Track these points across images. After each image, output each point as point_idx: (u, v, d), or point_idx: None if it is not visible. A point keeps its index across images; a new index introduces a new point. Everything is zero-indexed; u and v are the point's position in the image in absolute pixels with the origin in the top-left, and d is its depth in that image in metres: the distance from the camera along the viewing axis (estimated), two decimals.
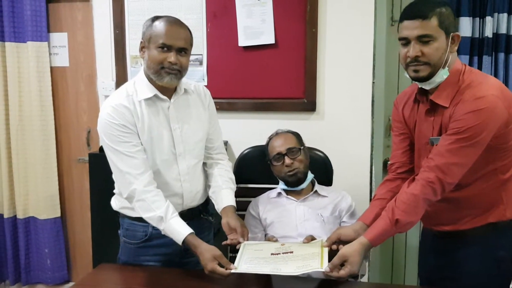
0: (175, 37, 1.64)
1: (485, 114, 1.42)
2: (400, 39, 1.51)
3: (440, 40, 1.46)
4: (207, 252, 1.58)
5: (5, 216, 2.99)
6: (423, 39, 1.46)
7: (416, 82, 1.58)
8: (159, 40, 1.62)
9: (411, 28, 1.47)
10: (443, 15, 1.46)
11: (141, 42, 1.69)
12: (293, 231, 1.88)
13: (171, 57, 1.63)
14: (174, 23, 1.67)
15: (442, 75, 1.50)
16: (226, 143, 2.50)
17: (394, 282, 2.79)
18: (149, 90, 1.70)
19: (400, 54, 1.54)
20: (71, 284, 3.05)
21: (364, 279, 1.98)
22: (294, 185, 1.98)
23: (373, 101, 2.46)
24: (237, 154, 2.35)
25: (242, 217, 1.93)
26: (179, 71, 1.66)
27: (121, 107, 1.66)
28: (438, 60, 1.48)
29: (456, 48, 1.52)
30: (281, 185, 2.03)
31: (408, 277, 2.76)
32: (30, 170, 2.93)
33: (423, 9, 1.46)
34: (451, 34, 1.48)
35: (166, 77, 1.65)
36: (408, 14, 1.49)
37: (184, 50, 1.67)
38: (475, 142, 1.44)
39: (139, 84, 1.72)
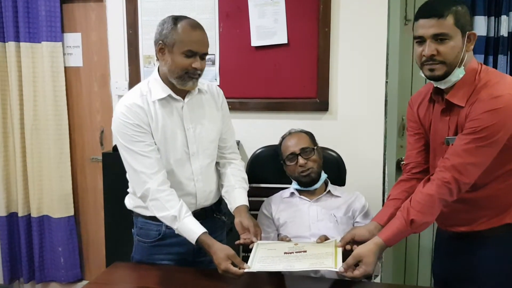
0: (200, 44, 1.64)
1: (502, 114, 1.40)
2: (415, 37, 1.50)
3: (456, 39, 1.45)
4: (220, 252, 1.58)
5: (20, 214, 3.03)
6: (439, 38, 1.44)
7: (432, 81, 1.56)
8: (185, 47, 1.61)
9: (426, 26, 1.45)
10: (459, 13, 1.44)
11: (159, 43, 1.65)
12: (306, 231, 1.88)
13: (197, 63, 1.63)
14: (197, 27, 1.66)
15: (458, 74, 1.48)
16: (238, 142, 2.50)
17: (407, 282, 2.77)
18: (163, 90, 1.70)
19: (415, 52, 1.52)
20: (84, 282, 3.07)
21: (377, 279, 1.97)
22: (307, 185, 1.97)
23: (386, 100, 2.44)
24: (249, 154, 2.35)
25: (255, 216, 1.93)
26: (199, 75, 1.68)
27: (135, 107, 1.67)
28: (454, 59, 1.46)
29: (472, 47, 1.50)
30: (294, 185, 2.02)
31: (421, 277, 2.74)
32: (44, 169, 2.96)
33: (438, 7, 1.45)
34: (467, 32, 1.46)
35: (189, 82, 1.66)
36: (424, 12, 1.48)
37: (206, 55, 1.68)
38: (492, 142, 1.42)
39: (153, 84, 1.72)
